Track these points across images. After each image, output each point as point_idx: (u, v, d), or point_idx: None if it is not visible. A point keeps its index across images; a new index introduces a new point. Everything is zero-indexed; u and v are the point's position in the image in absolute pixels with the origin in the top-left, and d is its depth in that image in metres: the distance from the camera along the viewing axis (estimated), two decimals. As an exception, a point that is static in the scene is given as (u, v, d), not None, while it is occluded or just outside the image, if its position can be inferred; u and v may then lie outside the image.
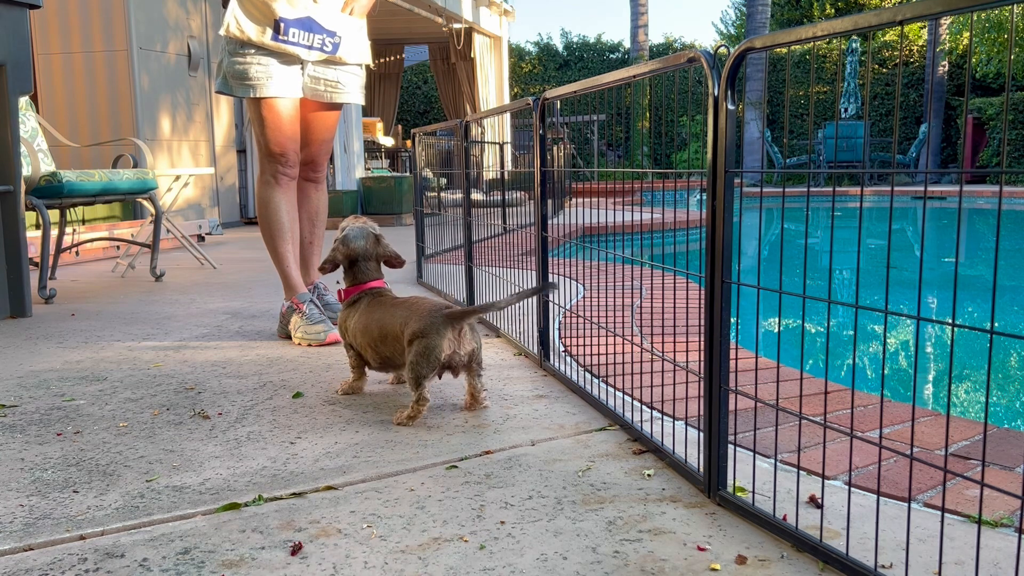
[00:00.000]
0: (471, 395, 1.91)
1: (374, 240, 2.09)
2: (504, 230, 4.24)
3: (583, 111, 13.96)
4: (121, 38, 6.47)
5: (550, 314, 2.37)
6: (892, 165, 5.14)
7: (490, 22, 12.13)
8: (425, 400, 1.80)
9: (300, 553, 1.24)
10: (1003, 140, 1.04)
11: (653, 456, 1.62)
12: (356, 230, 2.08)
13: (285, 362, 2.48)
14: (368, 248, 2.07)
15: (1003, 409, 2.83)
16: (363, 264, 2.06)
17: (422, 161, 4.41)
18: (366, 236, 2.08)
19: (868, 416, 1.83)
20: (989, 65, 16.58)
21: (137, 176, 4.28)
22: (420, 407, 1.80)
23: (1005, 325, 4.08)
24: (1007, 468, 1.52)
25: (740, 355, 2.35)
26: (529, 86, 19.16)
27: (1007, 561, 1.17)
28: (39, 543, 1.29)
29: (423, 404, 1.80)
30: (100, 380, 2.30)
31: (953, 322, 0.93)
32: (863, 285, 5.19)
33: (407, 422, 1.81)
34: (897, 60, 17.55)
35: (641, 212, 3.49)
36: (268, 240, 2.84)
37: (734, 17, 23.82)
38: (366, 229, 2.09)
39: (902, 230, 8.85)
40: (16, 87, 3.32)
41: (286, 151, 2.78)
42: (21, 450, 1.72)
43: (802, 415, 1.26)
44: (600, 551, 1.23)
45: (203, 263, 5.06)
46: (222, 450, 1.70)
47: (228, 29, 2.66)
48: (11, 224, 3.32)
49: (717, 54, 1.33)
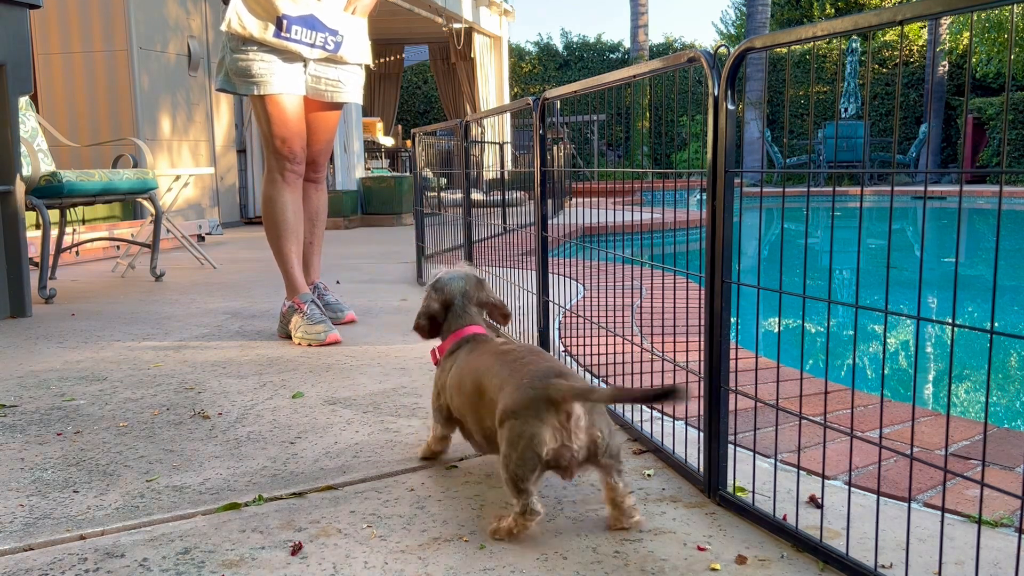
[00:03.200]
0: (611, 502, 1.31)
1: (476, 283, 1.67)
2: (504, 230, 4.24)
3: (583, 111, 13.96)
4: (121, 38, 6.47)
5: (550, 314, 2.37)
6: (892, 165, 5.14)
7: (490, 22, 12.13)
8: (533, 513, 1.25)
9: (300, 553, 1.24)
10: (1003, 140, 1.04)
11: (653, 456, 1.62)
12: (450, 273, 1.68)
13: (285, 362, 2.48)
14: (468, 290, 1.65)
15: (1003, 409, 2.83)
16: (460, 307, 1.63)
17: (422, 161, 4.41)
18: (464, 277, 1.66)
19: (868, 416, 1.83)
20: (989, 65, 16.58)
21: (137, 176, 4.28)
22: (525, 521, 1.26)
23: (1005, 325, 4.08)
24: (1007, 468, 1.52)
25: (740, 355, 2.35)
26: (529, 86, 19.16)
27: (1007, 561, 1.17)
28: (39, 543, 1.29)
29: (529, 518, 1.26)
30: (100, 380, 2.30)
31: (953, 322, 0.93)
32: (863, 285, 5.19)
33: (505, 537, 1.28)
34: (897, 60, 17.54)
35: (641, 212, 3.48)
36: (272, 239, 2.84)
37: (734, 17, 23.83)
38: (463, 271, 1.68)
39: (902, 230, 8.85)
40: (16, 87, 3.32)
41: (293, 147, 2.78)
42: (21, 450, 1.72)
43: (802, 415, 1.26)
44: (600, 551, 1.23)
45: (203, 263, 5.06)
46: (222, 450, 1.70)
47: (230, 25, 2.65)
48: (11, 224, 3.32)
49: (717, 54, 1.33)
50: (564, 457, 1.24)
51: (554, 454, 1.24)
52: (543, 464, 1.24)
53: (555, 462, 1.25)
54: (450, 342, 1.59)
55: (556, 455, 1.24)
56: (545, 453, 1.23)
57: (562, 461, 1.25)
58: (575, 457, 1.25)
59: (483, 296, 1.66)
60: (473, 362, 1.47)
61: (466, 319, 1.61)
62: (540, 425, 1.23)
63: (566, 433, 1.24)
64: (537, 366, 1.31)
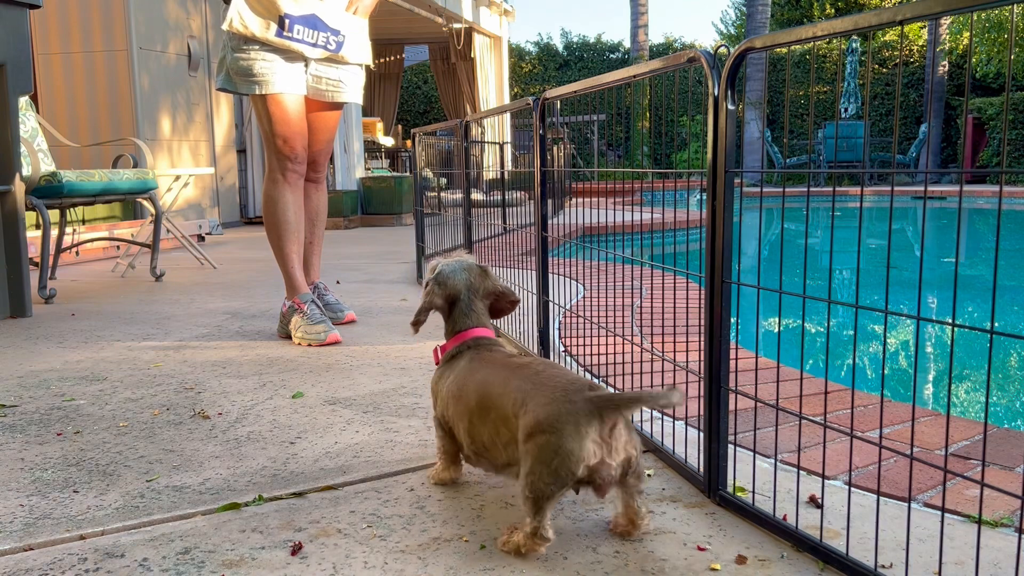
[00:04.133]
0: (627, 517, 1.27)
1: (479, 273, 1.54)
2: (504, 230, 4.24)
3: (583, 111, 13.96)
4: (121, 38, 6.47)
5: (550, 314, 2.37)
6: (892, 165, 5.14)
7: (490, 22, 12.13)
8: (544, 539, 1.19)
9: (300, 553, 1.24)
10: (1003, 140, 1.04)
11: (653, 456, 1.62)
12: (451, 264, 1.54)
13: (285, 362, 2.48)
14: (473, 282, 1.52)
15: (1003, 409, 2.83)
16: (465, 305, 1.51)
17: (422, 161, 4.41)
18: (468, 268, 1.53)
19: (868, 416, 1.83)
20: (989, 65, 16.59)
21: (137, 176, 4.28)
22: (535, 544, 1.20)
23: (1005, 325, 4.08)
24: (1007, 468, 1.52)
25: (740, 355, 2.35)
26: (529, 86, 19.16)
27: (1007, 561, 1.17)
28: (39, 543, 1.29)
29: (539, 542, 1.19)
30: (100, 380, 2.30)
31: (953, 322, 0.93)
32: (863, 285, 5.19)
33: (512, 552, 1.22)
34: (897, 60, 17.55)
35: (641, 212, 3.49)
36: (273, 239, 2.84)
37: (734, 17, 23.83)
38: (465, 262, 1.55)
39: (902, 230, 8.85)
40: (16, 87, 3.32)
41: (294, 147, 2.78)
42: (21, 450, 1.72)
43: (802, 415, 1.26)
44: (600, 551, 1.23)
45: (203, 263, 5.06)
46: (222, 450, 1.70)
47: (231, 25, 2.65)
48: (11, 224, 3.32)
49: (717, 54, 1.33)
50: (601, 475, 1.17)
51: (590, 471, 1.16)
52: (576, 482, 1.17)
53: (590, 479, 1.18)
54: (452, 344, 1.49)
55: (593, 472, 1.17)
56: (581, 471, 1.16)
57: (597, 479, 1.18)
58: (612, 475, 1.18)
59: (489, 286, 1.55)
60: (479, 373, 1.37)
61: (472, 319, 1.50)
62: (579, 440, 1.15)
63: (607, 448, 1.17)
64: (566, 378, 1.23)
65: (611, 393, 1.19)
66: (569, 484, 1.17)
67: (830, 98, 17.08)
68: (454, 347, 1.48)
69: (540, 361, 1.34)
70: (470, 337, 1.48)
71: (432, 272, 1.54)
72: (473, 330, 1.49)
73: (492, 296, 1.55)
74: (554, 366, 1.31)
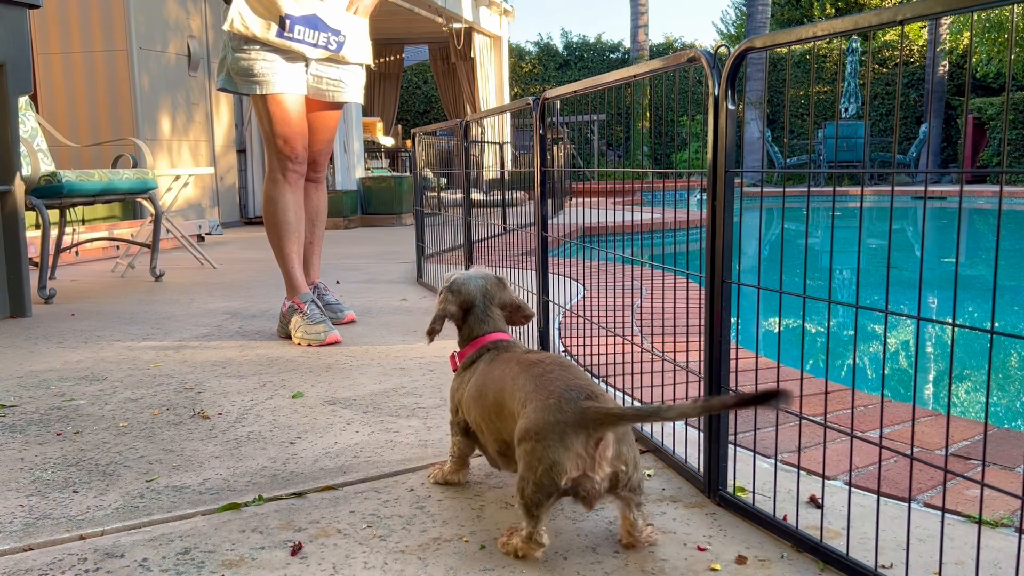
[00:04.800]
0: (624, 529, 1.26)
1: (496, 282, 1.55)
2: (504, 230, 4.24)
3: (583, 111, 13.96)
4: (121, 38, 6.47)
5: (550, 314, 2.37)
6: (892, 165, 5.14)
7: (490, 22, 12.13)
8: (538, 544, 1.20)
9: (300, 553, 1.24)
10: (1003, 140, 1.04)
11: (653, 456, 1.62)
12: (467, 274, 1.55)
13: (285, 362, 2.48)
14: (490, 290, 1.53)
15: (1003, 409, 2.82)
16: (481, 311, 1.50)
17: (422, 161, 4.41)
18: (484, 277, 1.54)
19: (868, 416, 1.83)
20: (989, 65, 16.59)
21: (137, 176, 4.28)
22: (530, 548, 1.21)
23: (1005, 325, 4.08)
24: (1007, 468, 1.52)
25: (740, 355, 2.35)
26: (529, 86, 19.16)
27: (1007, 561, 1.17)
28: (39, 543, 1.29)
29: (534, 547, 1.20)
30: (100, 380, 2.30)
31: (953, 322, 0.93)
32: (863, 285, 5.19)
33: (511, 555, 1.23)
34: (897, 60, 17.55)
35: (641, 212, 3.49)
36: (274, 239, 2.84)
37: (734, 17, 23.83)
38: (481, 271, 1.56)
39: (902, 230, 8.85)
40: (16, 87, 3.32)
41: (295, 146, 2.78)
42: (21, 450, 1.72)
43: (802, 415, 1.26)
44: (600, 551, 1.23)
45: (203, 263, 5.06)
46: (222, 450, 1.70)
47: (232, 25, 2.65)
48: (11, 224, 3.32)
49: (717, 54, 1.33)
50: (584, 488, 1.17)
51: (574, 484, 1.16)
52: (560, 492, 1.17)
53: (574, 492, 1.17)
54: (470, 350, 1.48)
55: (575, 484, 1.16)
56: (564, 482, 1.15)
57: (581, 491, 1.17)
58: (596, 489, 1.17)
59: (506, 297, 1.55)
60: (495, 371, 1.37)
61: (489, 324, 1.49)
62: (563, 452, 1.15)
63: (590, 462, 1.16)
64: (567, 383, 1.22)
65: (601, 406, 1.17)
66: (555, 493, 1.16)
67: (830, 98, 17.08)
68: (473, 352, 1.48)
69: (553, 360, 1.31)
70: (488, 341, 1.48)
71: (447, 282, 1.55)
72: (491, 335, 1.48)
73: (508, 308, 1.55)
74: (565, 366, 1.29)
